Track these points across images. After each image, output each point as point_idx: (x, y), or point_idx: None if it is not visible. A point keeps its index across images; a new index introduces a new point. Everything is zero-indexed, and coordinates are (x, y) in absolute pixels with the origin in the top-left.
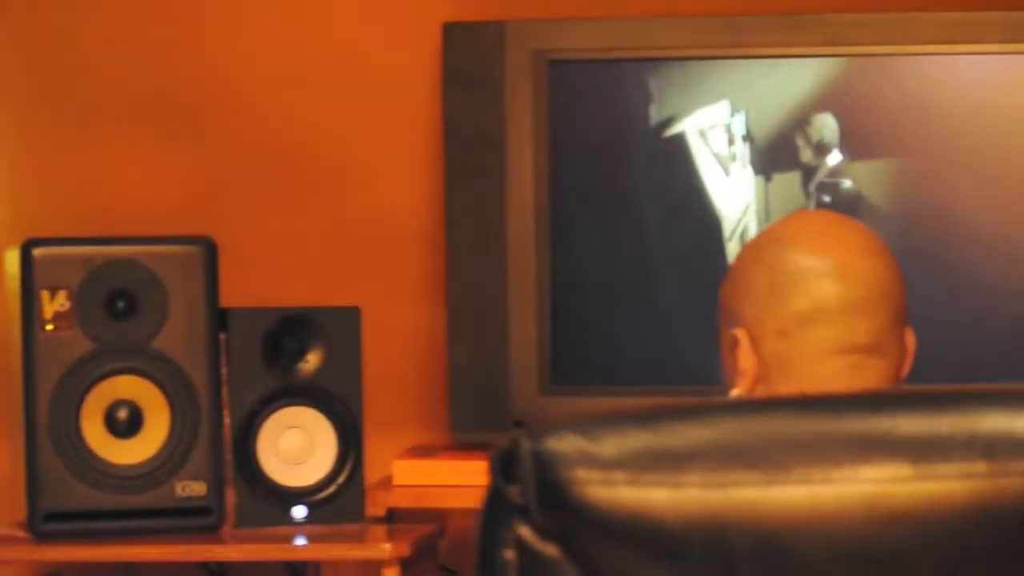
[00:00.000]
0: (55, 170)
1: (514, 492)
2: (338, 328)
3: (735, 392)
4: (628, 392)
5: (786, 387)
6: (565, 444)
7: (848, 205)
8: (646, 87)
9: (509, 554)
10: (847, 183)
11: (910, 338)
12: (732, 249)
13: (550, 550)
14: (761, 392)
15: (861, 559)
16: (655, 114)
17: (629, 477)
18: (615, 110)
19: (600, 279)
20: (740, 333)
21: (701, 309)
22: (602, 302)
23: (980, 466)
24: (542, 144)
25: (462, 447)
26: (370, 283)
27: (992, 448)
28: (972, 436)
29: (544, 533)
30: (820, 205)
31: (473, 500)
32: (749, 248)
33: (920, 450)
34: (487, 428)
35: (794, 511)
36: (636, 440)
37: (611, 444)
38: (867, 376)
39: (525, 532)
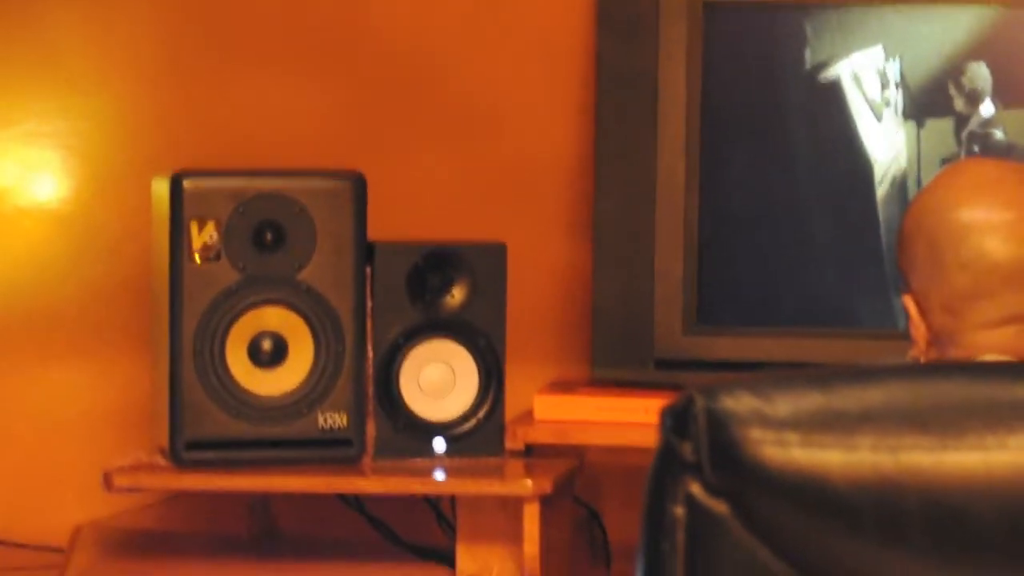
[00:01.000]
0: (201, 101)
1: (686, 449)
2: (484, 264)
3: (911, 355)
4: (772, 333)
5: (955, 355)
6: (739, 403)
7: (999, 155)
8: (801, 31)
9: (679, 510)
10: (998, 133)
11: None
12: (881, 194)
13: (719, 507)
14: (933, 357)
15: None
16: (809, 58)
17: (802, 438)
18: (769, 54)
19: (749, 221)
20: (908, 303)
21: (848, 252)
22: (750, 243)
23: None
24: (695, 86)
25: (602, 384)
26: (516, 219)
27: None
28: None
29: (714, 490)
30: (971, 154)
31: (612, 437)
32: (912, 211)
33: None
34: (629, 366)
35: (967, 477)
36: (810, 401)
37: (785, 405)
38: None
39: (695, 489)
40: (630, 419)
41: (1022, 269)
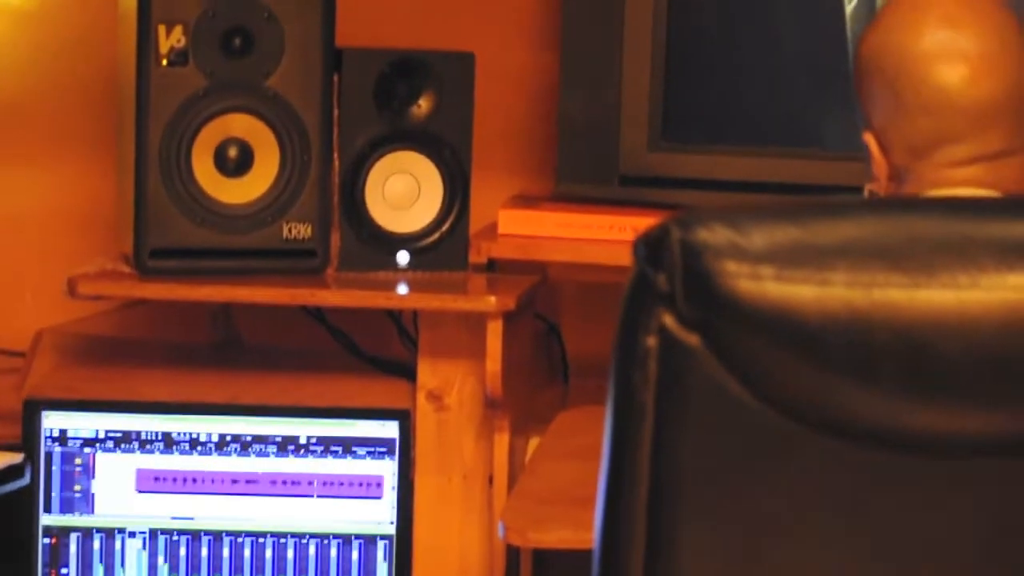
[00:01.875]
0: None
1: (661, 279)
2: (452, 74)
3: (868, 188)
4: (738, 152)
5: (919, 191)
6: (715, 235)
7: None
8: None
9: (651, 340)
10: None
11: None
12: (850, 10)
13: (692, 339)
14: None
15: (1001, 363)
16: None
17: (776, 272)
18: None
19: (717, 35)
20: (869, 140)
21: (820, 71)
22: (719, 58)
23: None
24: None
25: (567, 199)
26: (485, 28)
27: None
28: None
29: (687, 322)
30: None
31: (576, 254)
32: (868, 44)
33: None
34: (593, 181)
35: (937, 314)
36: (785, 235)
37: (760, 238)
38: (1001, 175)
39: (668, 320)
40: (594, 236)
41: (985, 110)
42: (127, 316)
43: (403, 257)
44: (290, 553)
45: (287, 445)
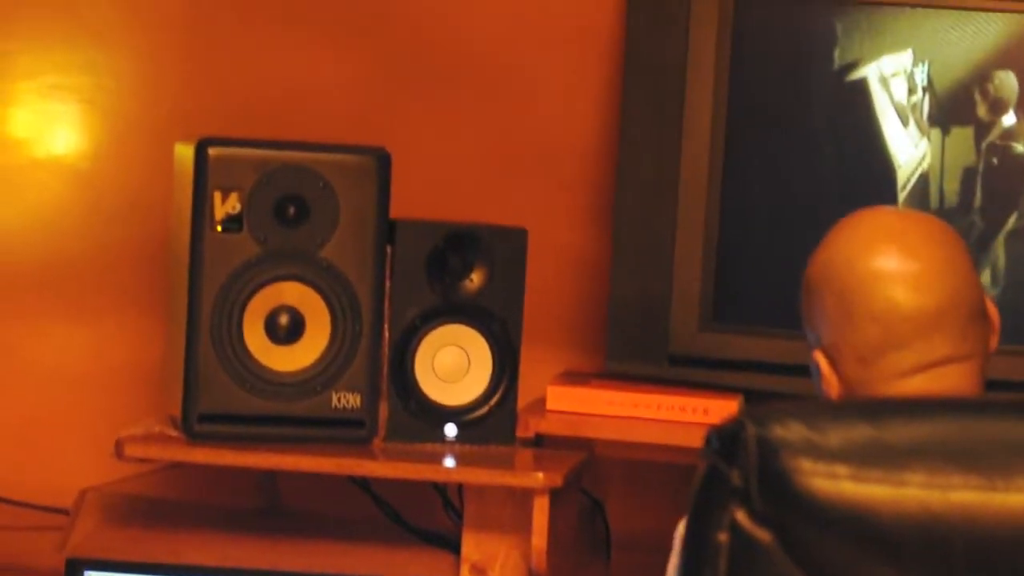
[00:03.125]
0: (227, 65)
1: (735, 475)
2: (504, 248)
3: None
4: (788, 335)
5: None
6: (791, 432)
7: (1019, 166)
8: (832, 29)
9: (723, 536)
10: (1019, 146)
11: (992, 312)
12: (903, 198)
13: (764, 536)
14: None
15: None
16: (839, 57)
17: (852, 471)
18: (798, 50)
19: (770, 218)
20: (819, 358)
21: None
22: (770, 241)
23: None
24: (723, 77)
25: (615, 377)
26: (538, 204)
27: None
28: None
29: (761, 518)
30: (988, 166)
31: (623, 432)
32: (816, 264)
33: None
34: (643, 360)
35: (1015, 519)
36: (860, 434)
37: (836, 436)
38: (950, 383)
39: (741, 516)
40: (642, 414)
41: (930, 318)
42: (172, 477)
43: (451, 430)
44: None
45: None
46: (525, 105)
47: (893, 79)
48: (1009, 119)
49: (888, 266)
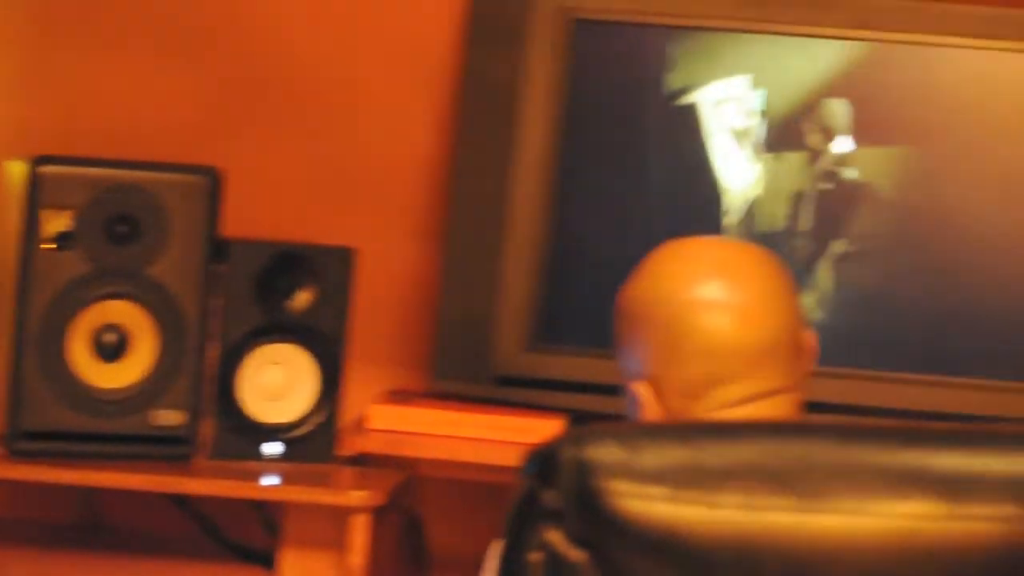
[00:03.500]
0: (57, 85)
1: (550, 496)
2: (332, 268)
3: None
4: (613, 356)
5: None
6: (607, 454)
7: (848, 193)
8: (666, 54)
9: (535, 556)
10: (849, 172)
11: (809, 341)
12: (732, 223)
13: (579, 556)
14: None
15: None
16: (672, 82)
17: (667, 493)
18: (633, 74)
19: (600, 241)
20: (643, 389)
21: None
22: (598, 265)
23: (1009, 509)
24: (557, 101)
25: (441, 396)
26: (369, 222)
27: (1021, 492)
28: (1004, 478)
29: (576, 539)
30: (818, 191)
31: (446, 451)
32: (637, 295)
33: (954, 489)
34: (469, 380)
35: (826, 540)
36: (676, 456)
37: (651, 457)
38: (774, 414)
39: (555, 537)
40: (465, 434)
41: (758, 352)
42: None
43: (274, 447)
44: None
45: None
46: (358, 124)
47: (727, 104)
48: (839, 146)
49: (714, 298)
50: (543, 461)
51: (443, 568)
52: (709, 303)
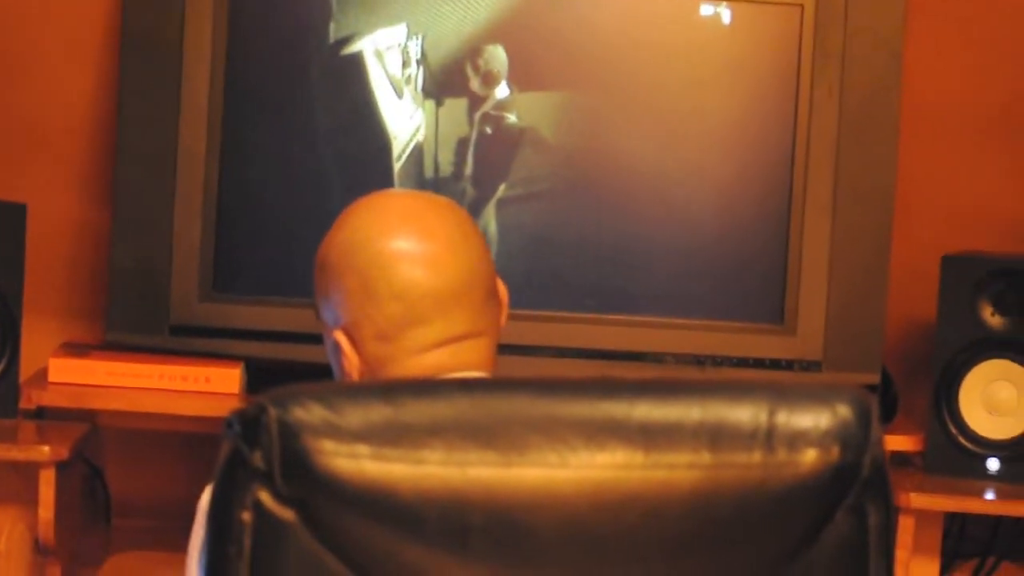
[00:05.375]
0: None
1: (257, 457)
2: (3, 223)
3: None
4: (288, 303)
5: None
6: (311, 414)
7: (511, 136)
8: (327, 3)
9: (246, 515)
10: (511, 117)
11: (502, 292)
12: (398, 169)
13: (288, 515)
14: None
15: (593, 541)
16: (334, 31)
17: (372, 451)
18: (295, 24)
19: (269, 190)
20: (340, 336)
21: None
22: (269, 214)
23: (705, 456)
24: (220, 53)
25: (117, 348)
26: (37, 177)
27: (716, 439)
28: (699, 426)
29: (284, 498)
30: (481, 136)
31: (127, 403)
32: (334, 246)
33: (651, 438)
34: (144, 331)
35: (529, 492)
36: (379, 414)
37: (355, 417)
38: (467, 358)
39: (264, 496)
40: (144, 384)
41: (449, 294)
42: None
43: None
44: None
45: None
46: (21, 79)
47: (388, 52)
48: (500, 91)
49: (407, 246)
50: (248, 423)
51: (123, 515)
52: (400, 253)
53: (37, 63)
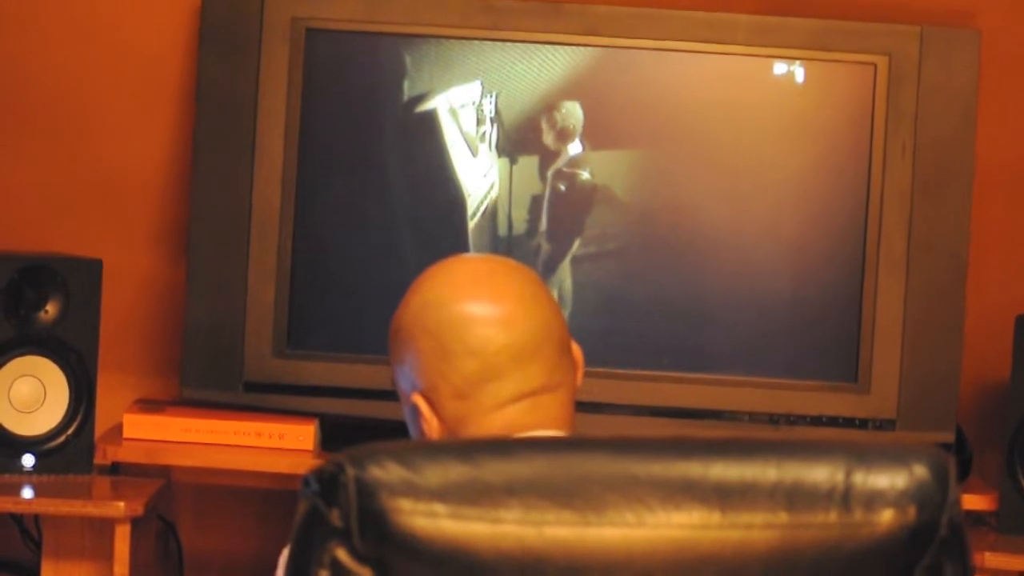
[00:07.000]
0: None
1: (334, 516)
2: (79, 279)
3: None
4: (361, 360)
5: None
6: (388, 473)
7: (584, 194)
8: (401, 62)
9: (324, 574)
10: (584, 174)
11: (576, 352)
12: (473, 226)
13: (365, 572)
14: None
15: None
16: (408, 89)
17: (450, 510)
18: (369, 82)
19: (343, 248)
20: (418, 400)
21: None
22: (343, 271)
23: (782, 516)
24: (294, 111)
25: (189, 404)
26: (112, 233)
27: (793, 499)
28: (776, 486)
29: (361, 557)
30: (555, 193)
31: (200, 458)
32: (408, 312)
33: (727, 498)
34: (218, 387)
35: (606, 552)
36: (457, 473)
37: (433, 476)
38: (545, 414)
39: (342, 554)
40: (217, 440)
41: (523, 349)
42: None
43: (28, 460)
44: None
45: None
46: (97, 136)
47: (462, 110)
48: (574, 148)
49: (479, 306)
50: (326, 481)
51: (197, 570)
52: (473, 313)
53: (112, 120)
